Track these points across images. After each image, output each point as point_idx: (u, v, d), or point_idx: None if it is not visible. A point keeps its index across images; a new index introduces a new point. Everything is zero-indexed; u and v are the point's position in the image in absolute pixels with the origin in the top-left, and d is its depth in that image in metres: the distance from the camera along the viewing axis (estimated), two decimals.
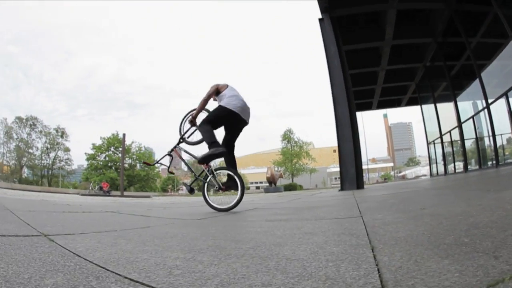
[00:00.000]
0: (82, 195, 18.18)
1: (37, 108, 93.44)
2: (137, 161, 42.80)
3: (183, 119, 3.68)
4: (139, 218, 2.89)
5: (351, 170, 8.68)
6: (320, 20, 9.58)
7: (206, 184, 3.22)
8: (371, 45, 12.15)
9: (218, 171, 3.25)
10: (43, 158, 45.89)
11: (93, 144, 42.33)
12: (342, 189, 8.91)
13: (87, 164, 42.50)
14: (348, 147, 8.71)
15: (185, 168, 4.98)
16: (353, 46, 11.31)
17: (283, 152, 40.82)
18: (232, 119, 3.19)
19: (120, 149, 38.53)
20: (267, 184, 27.16)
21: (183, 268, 0.90)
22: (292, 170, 40.10)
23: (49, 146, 45.90)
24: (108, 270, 0.89)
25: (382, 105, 18.88)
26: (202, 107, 3.41)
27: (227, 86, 3.42)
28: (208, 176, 3.19)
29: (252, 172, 72.44)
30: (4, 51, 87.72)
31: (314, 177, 48.40)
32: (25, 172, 46.80)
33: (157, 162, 3.75)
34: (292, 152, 40.51)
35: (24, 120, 45.02)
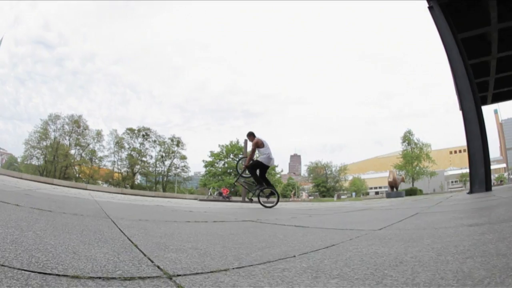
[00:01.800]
0: (200, 200, 18.08)
1: (149, 121, 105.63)
2: None
3: (237, 162, 7.84)
4: (296, 229, 2.35)
5: (481, 171, 7.76)
6: (429, 8, 8.84)
7: (259, 196, 6.29)
8: (477, 32, 10.25)
9: (264, 189, 6.35)
10: (158, 165, 48.10)
11: (211, 151, 42.67)
12: (471, 191, 8.07)
13: (205, 171, 42.82)
14: (476, 145, 7.79)
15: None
16: (460, 35, 9.82)
17: (404, 154, 38.71)
18: (264, 167, 6.43)
19: (240, 156, 39.04)
20: (387, 189, 25.83)
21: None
22: (413, 174, 37.58)
23: (164, 154, 48.09)
24: None
25: (498, 98, 15.72)
26: (251, 159, 6.41)
27: (262, 143, 6.32)
28: (260, 191, 6.31)
29: (371, 177, 69.25)
30: (109, 71, 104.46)
31: (431, 181, 42.99)
32: (138, 178, 49.07)
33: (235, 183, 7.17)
34: (413, 155, 38.11)
35: (136, 131, 47.81)
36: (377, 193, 56.22)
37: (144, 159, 47.92)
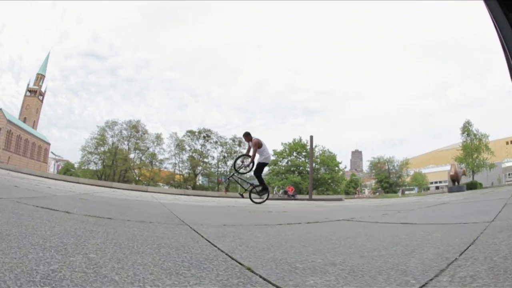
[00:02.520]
0: None
1: (209, 122, 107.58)
2: (321, 165, 41.87)
3: (236, 159, 7.68)
4: (407, 227, 2.13)
5: None
6: None
7: (251, 192, 6.77)
8: None
9: (256, 186, 6.82)
10: (220, 166, 47.84)
11: (274, 150, 41.40)
12: None
13: (269, 170, 41.50)
14: None
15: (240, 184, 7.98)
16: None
17: (464, 146, 36.21)
18: (265, 166, 7.03)
19: (303, 153, 39.53)
20: (447, 183, 24.36)
21: None
22: (473, 166, 34.96)
23: (226, 154, 47.59)
24: None
25: None
26: (253, 158, 6.53)
27: (262, 143, 6.63)
28: (253, 188, 6.83)
29: (431, 171, 65.02)
30: (165, 77, 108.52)
31: (489, 174, 39.81)
32: (200, 179, 49.15)
33: (227, 180, 6.96)
34: (472, 146, 35.51)
35: (196, 133, 47.76)
36: (437, 187, 52.31)
37: (206, 160, 48.03)
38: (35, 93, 71.45)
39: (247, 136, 6.74)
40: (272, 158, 42.48)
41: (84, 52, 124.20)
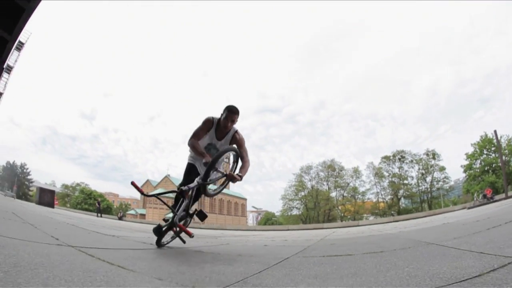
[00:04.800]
0: (469, 208, 17.18)
1: (399, 143, 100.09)
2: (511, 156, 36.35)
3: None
4: None
5: None
6: None
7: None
8: None
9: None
10: (420, 184, 46.88)
11: (466, 154, 39.51)
12: None
13: (465, 176, 40.00)
14: None
15: None
16: None
17: None
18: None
19: (492, 149, 35.93)
20: None
21: None
22: None
23: (423, 171, 46.67)
24: None
25: None
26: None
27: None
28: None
29: None
30: (343, 110, 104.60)
31: None
32: (402, 202, 48.88)
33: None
34: None
35: (391, 157, 48.43)
36: None
37: (405, 181, 48.01)
38: None
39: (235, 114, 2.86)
40: (466, 162, 39.11)
41: (257, 110, 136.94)
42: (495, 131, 24.75)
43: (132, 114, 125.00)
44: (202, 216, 2.86)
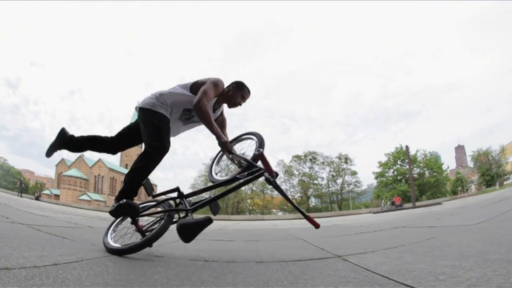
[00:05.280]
0: (374, 213, 18.38)
1: (314, 143, 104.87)
2: (425, 169, 41.28)
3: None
4: (425, 230, 3.10)
5: None
6: None
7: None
8: None
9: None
10: (330, 185, 48.50)
11: (379, 162, 42.55)
12: None
13: (377, 182, 42.89)
14: None
15: None
16: None
17: None
18: None
19: (406, 160, 38.91)
20: None
21: (447, 274, 1.10)
22: None
23: (334, 174, 48.32)
24: (390, 279, 1.12)
25: None
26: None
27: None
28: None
29: None
30: (261, 106, 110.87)
31: None
32: (312, 201, 49.91)
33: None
34: None
35: (302, 157, 49.09)
36: None
37: (315, 182, 48.97)
38: None
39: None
40: (378, 170, 42.28)
41: None
42: (406, 146, 26.62)
43: (53, 85, 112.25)
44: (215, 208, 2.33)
